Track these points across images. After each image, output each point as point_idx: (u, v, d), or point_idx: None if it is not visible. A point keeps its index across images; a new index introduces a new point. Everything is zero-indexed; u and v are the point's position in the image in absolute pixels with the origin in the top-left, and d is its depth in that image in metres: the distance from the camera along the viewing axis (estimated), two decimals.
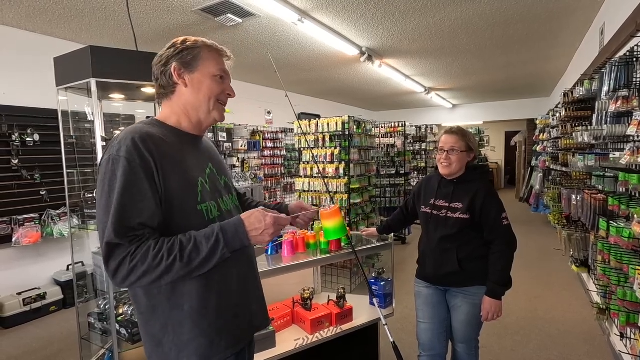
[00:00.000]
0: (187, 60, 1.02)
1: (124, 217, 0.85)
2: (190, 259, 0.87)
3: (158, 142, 0.94)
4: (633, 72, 1.99)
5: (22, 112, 3.46)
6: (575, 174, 3.33)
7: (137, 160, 0.88)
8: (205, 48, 1.04)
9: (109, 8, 3.14)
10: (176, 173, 0.94)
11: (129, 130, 0.93)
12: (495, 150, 13.11)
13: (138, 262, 0.84)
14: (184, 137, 1.04)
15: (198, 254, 0.88)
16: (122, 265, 0.84)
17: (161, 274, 0.86)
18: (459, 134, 1.77)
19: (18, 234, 3.35)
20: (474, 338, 1.82)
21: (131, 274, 0.84)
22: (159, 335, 0.96)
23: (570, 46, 4.70)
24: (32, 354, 2.81)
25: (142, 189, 0.88)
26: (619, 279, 1.93)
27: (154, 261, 0.85)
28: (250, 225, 0.93)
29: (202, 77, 1.03)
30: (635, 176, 1.79)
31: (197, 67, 1.02)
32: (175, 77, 1.01)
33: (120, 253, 0.84)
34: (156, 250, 0.86)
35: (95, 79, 1.81)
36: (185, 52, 1.02)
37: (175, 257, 0.86)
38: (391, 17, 3.53)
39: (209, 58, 1.04)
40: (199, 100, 1.03)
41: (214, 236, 0.90)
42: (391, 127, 6.35)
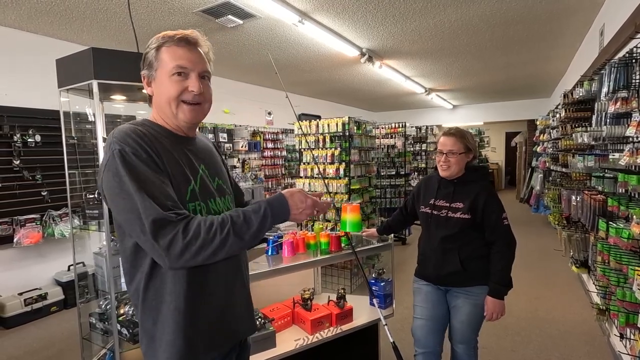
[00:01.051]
0: (149, 64, 0.98)
1: (157, 195, 0.85)
2: (242, 232, 0.88)
3: (151, 138, 0.94)
4: (632, 73, 1.99)
5: (24, 113, 3.48)
6: (575, 175, 3.34)
7: (143, 155, 0.89)
8: (164, 44, 0.96)
9: (110, 10, 3.15)
10: (172, 168, 0.94)
11: (121, 128, 0.92)
12: (496, 150, 13.12)
13: (192, 238, 0.83)
14: (174, 138, 1.02)
15: (249, 228, 0.89)
16: (175, 241, 0.82)
17: (216, 248, 0.85)
18: (456, 136, 1.77)
19: (19, 235, 3.36)
20: (473, 338, 1.83)
21: (186, 250, 0.83)
22: (152, 331, 0.96)
23: (570, 47, 4.71)
24: (34, 354, 2.82)
25: (155, 175, 0.88)
26: (619, 280, 1.94)
27: (208, 235, 0.84)
28: (294, 203, 0.97)
29: (161, 79, 0.97)
30: (635, 177, 1.80)
31: (157, 69, 0.97)
32: (145, 85, 1.01)
33: (169, 231, 0.82)
34: (208, 225, 0.85)
35: (96, 81, 1.82)
36: (147, 57, 0.98)
37: (229, 230, 0.86)
38: (391, 18, 3.54)
39: (164, 57, 0.96)
40: (161, 105, 0.99)
41: (262, 211, 0.92)
42: (391, 128, 6.36)
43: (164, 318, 0.95)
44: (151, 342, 0.97)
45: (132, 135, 0.90)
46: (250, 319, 1.15)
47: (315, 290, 2.42)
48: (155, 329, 0.96)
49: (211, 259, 0.87)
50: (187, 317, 0.95)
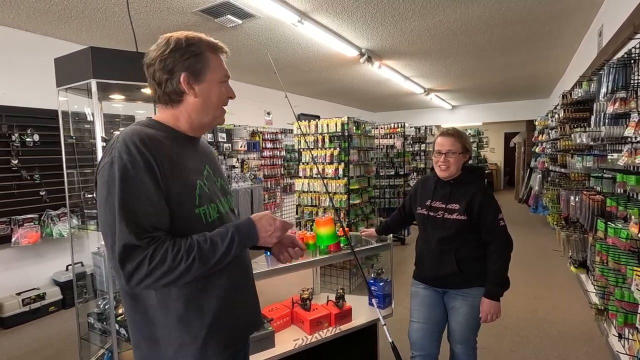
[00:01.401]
0: (196, 70, 0.98)
1: (135, 219, 0.85)
2: (207, 258, 0.89)
3: (158, 144, 0.93)
4: (631, 73, 2.00)
5: (22, 112, 3.47)
6: (574, 175, 3.34)
7: (141, 164, 0.87)
8: (209, 52, 1.01)
9: (109, 9, 3.15)
10: (175, 175, 0.93)
11: (128, 132, 0.92)
12: (495, 151, 13.13)
13: (157, 264, 0.84)
14: (182, 138, 1.02)
15: (214, 254, 0.90)
16: (140, 267, 0.83)
17: (180, 274, 0.86)
18: (455, 136, 1.76)
19: (17, 234, 3.35)
20: (472, 339, 1.83)
21: (149, 276, 0.84)
22: (155, 336, 0.95)
23: (568, 48, 4.72)
24: (32, 354, 2.81)
25: (148, 192, 0.87)
26: (617, 280, 1.94)
27: (174, 262, 0.85)
28: (262, 227, 0.98)
29: (211, 86, 1.01)
30: (633, 177, 1.80)
31: (206, 75, 0.99)
32: (185, 88, 0.98)
33: (137, 255, 0.83)
34: (174, 251, 0.86)
35: (95, 80, 1.82)
36: (192, 59, 0.97)
37: (194, 257, 0.87)
38: (390, 18, 3.54)
39: (215, 65, 1.01)
40: (207, 109, 1.02)
41: (229, 236, 0.93)
42: (390, 128, 6.36)
43: (171, 321, 0.94)
44: (155, 345, 0.96)
45: (136, 142, 0.89)
46: (257, 313, 1.17)
47: (314, 290, 2.41)
48: (162, 332, 0.95)
49: (173, 284, 0.89)
50: (200, 318, 0.95)
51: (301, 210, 4.62)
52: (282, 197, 6.96)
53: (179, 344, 0.95)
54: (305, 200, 4.56)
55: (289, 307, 2.10)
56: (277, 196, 6.82)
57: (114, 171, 0.86)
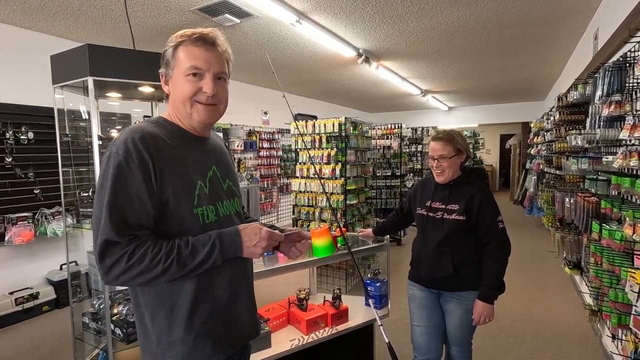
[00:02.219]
0: (166, 63, 0.99)
1: (121, 216, 0.85)
2: (185, 263, 0.89)
3: (159, 143, 0.92)
4: (626, 77, 2.02)
5: (17, 109, 3.43)
6: (569, 177, 3.38)
7: (136, 161, 0.87)
8: (180, 45, 0.97)
9: (105, 7, 3.12)
10: (174, 175, 0.93)
11: (130, 129, 0.92)
12: (490, 152, 13.21)
13: (135, 262, 0.85)
14: (188, 138, 1.02)
15: (193, 259, 0.90)
16: (118, 263, 0.84)
17: (156, 275, 0.87)
18: (444, 140, 1.74)
19: (11, 233, 3.31)
20: (467, 341, 1.83)
21: (126, 272, 0.85)
22: (150, 331, 0.97)
23: (564, 51, 4.76)
24: (25, 354, 2.78)
25: (138, 190, 0.87)
26: (611, 281, 1.96)
27: (152, 263, 0.86)
28: (246, 236, 0.95)
29: (177, 78, 0.97)
30: (627, 179, 1.82)
31: (174, 67, 0.98)
32: (162, 83, 1.02)
33: (117, 251, 0.85)
34: (154, 252, 0.87)
35: (92, 78, 1.80)
36: (165, 53, 1.00)
37: (173, 260, 0.87)
38: (388, 19, 3.55)
39: (181, 56, 0.96)
40: (176, 104, 1.00)
41: (210, 242, 0.92)
42: (387, 129, 6.37)
43: (163, 320, 0.95)
44: (148, 340, 0.98)
45: (135, 139, 0.89)
46: (253, 323, 1.14)
47: (310, 291, 2.41)
48: (154, 329, 0.96)
49: (149, 284, 0.90)
50: (191, 320, 0.95)
51: (298, 210, 4.62)
52: (278, 197, 6.95)
53: (168, 343, 0.95)
54: (302, 201, 4.56)
55: (286, 307, 2.10)
56: (274, 196, 6.81)
57: (109, 166, 0.87)
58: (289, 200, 6.05)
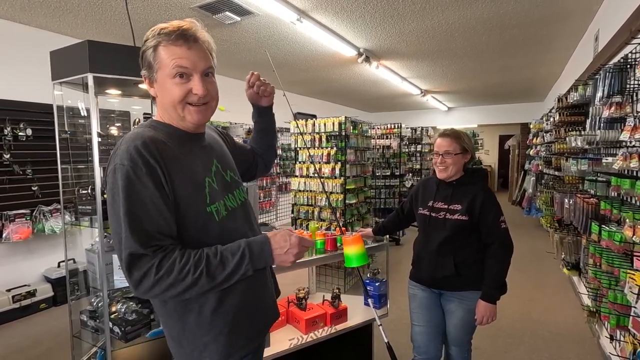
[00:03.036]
0: (148, 65, 0.92)
1: (140, 227, 0.82)
2: (215, 274, 0.86)
3: (161, 147, 0.89)
4: (627, 78, 2.02)
5: (15, 106, 3.41)
6: (568, 178, 3.38)
7: (143, 169, 0.84)
8: (160, 43, 0.90)
9: (105, 3, 3.11)
10: (183, 176, 0.91)
11: (130, 137, 0.88)
12: (489, 153, 13.23)
13: (164, 275, 0.82)
14: (185, 137, 0.98)
15: (223, 270, 0.87)
16: (147, 276, 0.81)
17: (186, 287, 0.84)
18: (452, 137, 1.75)
19: (8, 230, 3.30)
20: (467, 341, 1.83)
21: (155, 285, 0.82)
22: (179, 337, 0.96)
23: (564, 51, 4.77)
24: (22, 352, 2.77)
25: (152, 197, 0.84)
26: (610, 282, 1.96)
27: (180, 274, 0.83)
28: (276, 243, 0.92)
29: (163, 81, 0.92)
30: (627, 181, 1.82)
31: (157, 70, 0.92)
32: (147, 86, 0.96)
33: (144, 264, 0.82)
34: (182, 263, 0.83)
35: (92, 74, 1.79)
36: (144, 54, 0.92)
37: (202, 271, 0.84)
38: (389, 18, 3.54)
39: (163, 57, 0.90)
40: (166, 107, 0.95)
41: (240, 252, 0.89)
42: (387, 129, 6.38)
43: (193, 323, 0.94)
44: (180, 347, 0.96)
45: (138, 146, 0.85)
46: (275, 306, 1.15)
47: (309, 290, 2.41)
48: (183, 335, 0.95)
49: (181, 296, 0.86)
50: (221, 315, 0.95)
51: (297, 209, 4.61)
52: (277, 196, 6.94)
53: (203, 344, 0.94)
54: (301, 200, 4.56)
55: (285, 306, 2.09)
56: (272, 195, 6.80)
57: (117, 179, 0.84)
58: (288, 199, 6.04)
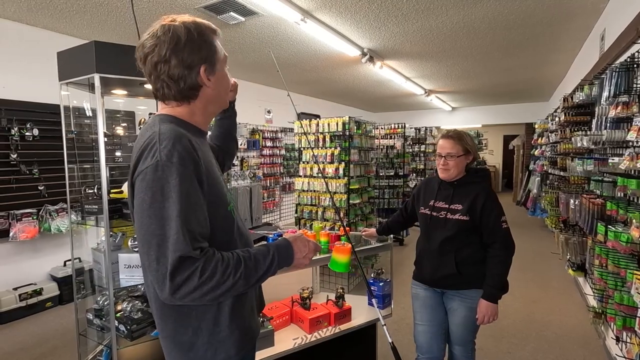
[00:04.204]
0: (212, 59, 0.93)
1: (190, 229, 0.79)
2: (251, 276, 0.87)
3: (196, 145, 0.88)
4: (633, 78, 2.01)
5: (22, 106, 3.45)
6: (574, 179, 3.35)
7: (191, 167, 0.82)
8: (214, 37, 0.95)
9: (111, 4, 3.13)
10: (212, 177, 0.90)
11: (173, 135, 0.84)
12: (494, 153, 13.17)
13: (207, 278, 0.79)
14: (200, 135, 0.98)
15: (256, 272, 0.88)
16: (190, 280, 0.77)
17: (226, 290, 0.82)
18: (454, 138, 1.76)
19: (15, 229, 3.33)
20: (470, 340, 1.83)
21: (197, 289, 0.78)
22: (192, 340, 0.94)
23: (570, 51, 4.73)
24: (28, 350, 2.80)
25: (198, 198, 0.83)
26: (616, 283, 1.95)
27: (222, 277, 0.81)
28: (297, 248, 0.98)
29: (221, 72, 0.98)
30: (634, 181, 1.81)
31: (217, 63, 0.95)
32: (205, 81, 0.93)
33: (188, 267, 0.77)
34: (224, 266, 0.82)
35: (98, 74, 1.80)
36: (206, 49, 0.92)
37: (241, 274, 0.84)
38: (393, 19, 3.54)
39: (219, 48, 0.96)
40: (220, 96, 1.00)
41: (270, 256, 0.91)
42: (391, 129, 6.37)
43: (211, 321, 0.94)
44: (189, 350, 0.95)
45: (185, 144, 0.83)
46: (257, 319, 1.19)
47: (313, 290, 2.41)
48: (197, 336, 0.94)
49: (217, 300, 0.84)
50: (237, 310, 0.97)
51: (301, 209, 4.62)
52: (281, 196, 6.95)
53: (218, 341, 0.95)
54: (305, 200, 4.56)
55: (289, 306, 2.10)
56: (276, 195, 6.81)
57: (165, 176, 0.79)
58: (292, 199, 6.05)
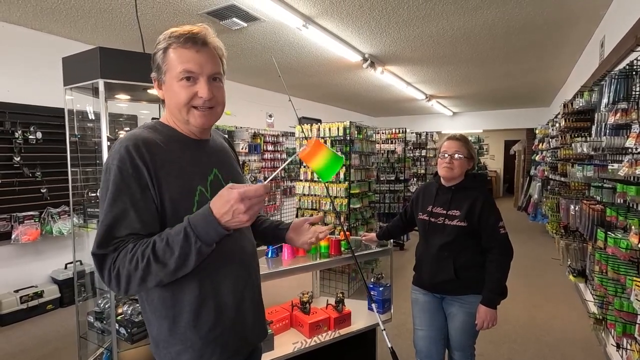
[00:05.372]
0: (157, 67, 0.94)
1: (113, 228, 0.84)
2: (165, 259, 0.81)
3: (154, 150, 0.89)
4: (632, 85, 2.02)
5: (26, 109, 3.48)
6: (574, 184, 3.36)
7: (130, 170, 0.85)
8: (170, 45, 0.91)
9: (115, 9, 3.17)
10: (172, 182, 0.90)
11: (125, 138, 0.89)
12: (495, 158, 13.17)
13: (119, 267, 0.82)
14: (187, 142, 0.98)
15: (172, 253, 0.80)
16: (108, 274, 0.82)
17: (142, 277, 0.81)
18: (462, 141, 1.81)
19: (17, 231, 3.35)
20: (470, 346, 1.83)
21: (120, 280, 0.82)
22: (156, 340, 0.97)
23: (570, 57, 4.75)
24: (29, 352, 2.80)
25: (133, 200, 0.85)
26: (616, 290, 1.95)
27: (130, 264, 0.81)
28: (217, 209, 0.79)
29: (170, 83, 0.93)
30: (633, 188, 1.81)
31: (165, 72, 0.93)
32: (156, 88, 0.98)
33: (106, 262, 0.83)
34: (131, 253, 0.82)
35: (103, 80, 1.83)
36: (157, 57, 0.94)
37: (149, 258, 0.80)
38: (394, 25, 3.57)
39: (172, 59, 0.91)
40: (172, 109, 0.96)
41: (183, 231, 0.81)
42: (392, 133, 6.38)
43: (166, 330, 0.94)
44: (157, 347, 0.98)
45: (129, 147, 0.86)
46: (260, 327, 1.12)
47: (313, 294, 2.42)
48: (159, 338, 0.96)
49: (145, 287, 0.84)
50: (196, 328, 0.94)
51: (301, 213, 4.63)
52: (282, 200, 6.96)
53: (176, 352, 0.95)
54: (305, 204, 4.57)
55: (289, 310, 2.10)
56: (277, 199, 6.82)
57: (107, 178, 0.86)
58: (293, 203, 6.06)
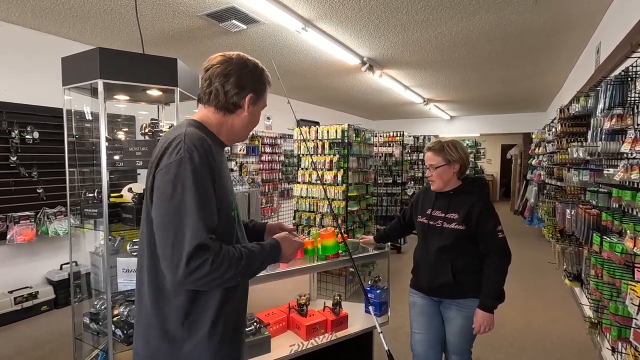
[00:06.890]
0: (259, 95, 1.11)
1: (205, 219, 0.90)
2: (247, 270, 0.97)
3: (212, 149, 0.99)
4: (628, 91, 2.04)
5: (23, 109, 3.46)
6: (570, 189, 3.38)
7: (206, 166, 0.94)
8: (268, 84, 1.14)
9: (115, 10, 3.17)
10: (221, 181, 1.00)
11: (193, 134, 0.97)
12: (491, 162, 13.24)
13: (217, 265, 0.89)
14: (220, 145, 1.10)
15: (251, 267, 0.99)
16: (203, 266, 0.87)
17: (229, 278, 0.93)
18: (434, 150, 1.79)
19: (13, 232, 3.32)
20: (467, 350, 1.83)
21: (207, 275, 0.88)
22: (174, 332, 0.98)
23: (566, 63, 4.80)
24: (23, 353, 2.78)
25: (211, 194, 0.94)
26: (612, 294, 1.96)
27: (229, 267, 0.91)
28: (284, 248, 1.11)
29: (257, 111, 1.13)
30: (629, 192, 1.83)
31: (260, 102, 1.13)
32: (245, 105, 1.08)
33: (203, 254, 0.87)
34: (230, 257, 0.92)
35: (102, 80, 1.83)
36: (260, 85, 1.11)
37: (242, 267, 0.95)
38: (393, 29, 3.59)
39: (266, 96, 1.14)
40: (247, 127, 1.13)
41: (264, 254, 1.03)
42: (389, 137, 6.40)
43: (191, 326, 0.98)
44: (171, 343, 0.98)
45: (204, 145, 0.96)
46: None
47: (310, 296, 2.41)
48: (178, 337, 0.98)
49: (219, 287, 0.97)
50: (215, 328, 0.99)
51: (299, 215, 4.63)
52: (279, 202, 6.96)
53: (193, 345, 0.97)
54: (303, 206, 4.57)
55: (286, 312, 2.10)
56: (275, 200, 6.82)
57: (186, 170, 0.90)
58: (290, 205, 6.06)
